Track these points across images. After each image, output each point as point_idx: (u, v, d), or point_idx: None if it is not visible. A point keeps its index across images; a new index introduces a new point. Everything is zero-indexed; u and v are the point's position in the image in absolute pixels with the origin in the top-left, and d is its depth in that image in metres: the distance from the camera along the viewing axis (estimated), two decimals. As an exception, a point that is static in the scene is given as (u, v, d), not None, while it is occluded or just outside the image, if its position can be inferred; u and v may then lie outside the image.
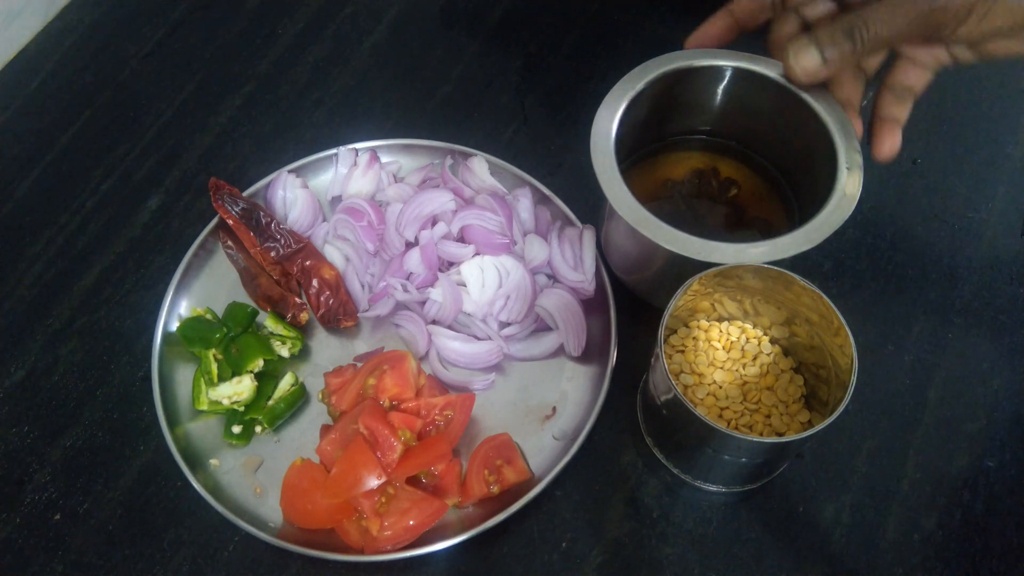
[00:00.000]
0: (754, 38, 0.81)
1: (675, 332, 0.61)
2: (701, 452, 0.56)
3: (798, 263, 0.55)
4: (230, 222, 0.68)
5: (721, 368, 0.59)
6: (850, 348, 0.51)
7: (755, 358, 0.59)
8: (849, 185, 0.55)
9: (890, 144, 0.58)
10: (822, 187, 0.57)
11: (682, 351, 0.60)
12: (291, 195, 0.70)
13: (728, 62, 0.61)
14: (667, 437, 0.58)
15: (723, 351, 0.59)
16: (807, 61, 0.54)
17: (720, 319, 0.61)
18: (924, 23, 0.51)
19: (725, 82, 0.62)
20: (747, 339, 0.60)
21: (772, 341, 0.60)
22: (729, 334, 0.60)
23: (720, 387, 0.58)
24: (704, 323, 0.61)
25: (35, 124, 0.78)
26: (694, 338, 0.60)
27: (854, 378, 0.50)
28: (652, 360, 0.55)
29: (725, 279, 0.55)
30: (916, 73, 0.57)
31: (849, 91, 0.58)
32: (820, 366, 0.56)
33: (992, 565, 0.55)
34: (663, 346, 0.51)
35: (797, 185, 0.64)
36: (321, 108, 0.78)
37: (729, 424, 0.57)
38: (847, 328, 0.51)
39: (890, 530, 0.57)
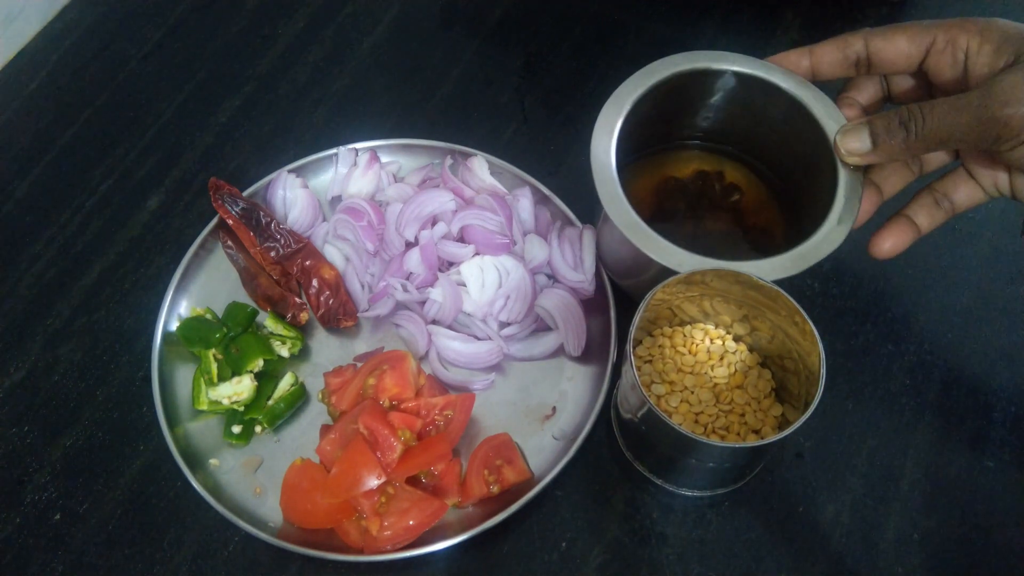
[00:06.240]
0: (754, 41, 0.81)
1: (640, 343, 0.60)
2: (685, 463, 0.56)
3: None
4: (230, 222, 0.68)
5: (691, 373, 0.58)
6: (810, 328, 0.51)
7: (722, 358, 0.59)
8: (845, 206, 0.55)
9: (892, 245, 0.55)
10: (821, 199, 0.56)
11: (649, 361, 0.60)
12: (291, 195, 0.70)
13: (732, 67, 0.60)
14: (647, 451, 0.58)
15: (690, 355, 0.59)
16: (855, 144, 0.53)
17: (681, 323, 0.60)
18: (981, 131, 0.48)
19: (730, 87, 0.62)
20: (711, 340, 0.59)
21: (736, 339, 0.60)
22: (693, 337, 0.60)
23: (692, 392, 0.57)
24: (667, 329, 0.60)
25: (35, 124, 0.78)
26: (659, 346, 0.60)
27: (822, 352, 0.50)
28: (620, 379, 0.55)
29: (688, 286, 0.55)
30: (967, 189, 0.55)
31: (891, 182, 0.57)
32: (785, 357, 0.56)
33: (992, 565, 0.55)
34: (633, 361, 0.51)
35: (798, 194, 0.64)
36: (321, 108, 0.78)
37: (706, 429, 0.56)
38: (803, 313, 0.51)
39: (890, 530, 0.57)
